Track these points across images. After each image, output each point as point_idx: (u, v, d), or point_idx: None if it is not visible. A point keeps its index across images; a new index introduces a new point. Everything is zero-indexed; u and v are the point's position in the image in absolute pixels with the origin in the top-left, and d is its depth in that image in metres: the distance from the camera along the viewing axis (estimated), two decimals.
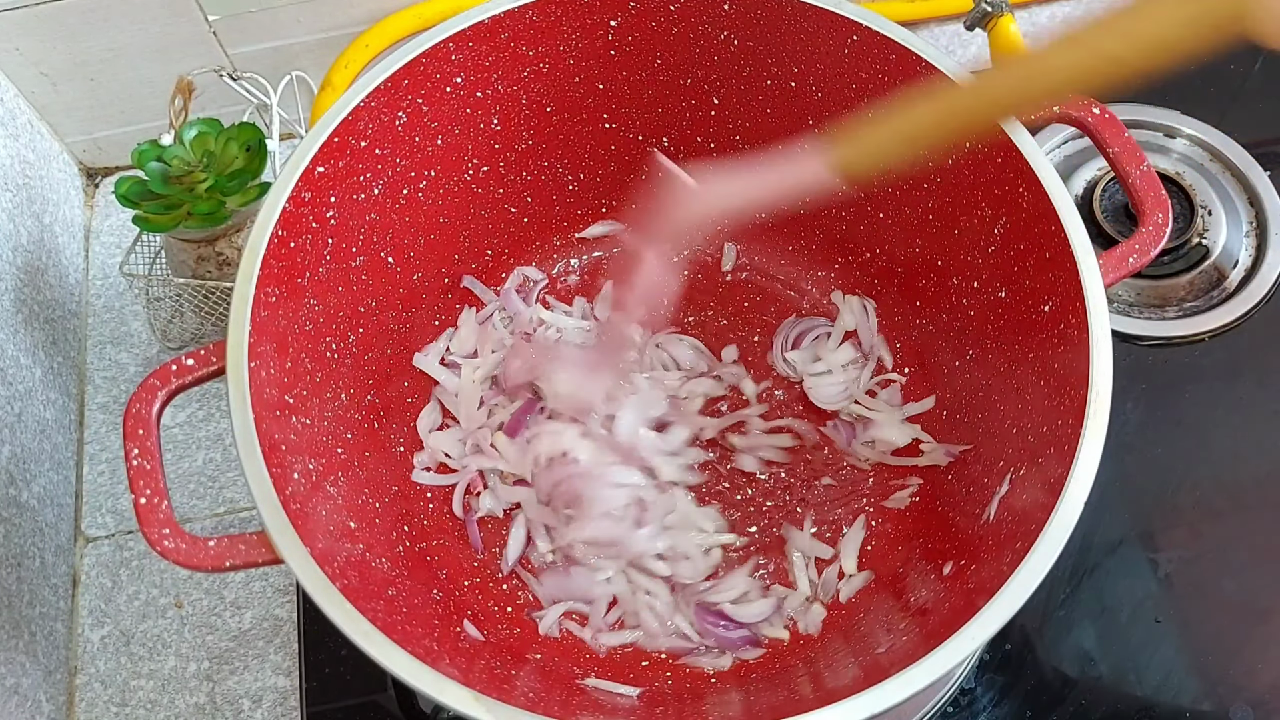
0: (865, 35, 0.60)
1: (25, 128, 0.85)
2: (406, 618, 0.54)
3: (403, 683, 0.47)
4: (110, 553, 0.78)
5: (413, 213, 0.66)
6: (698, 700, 0.60)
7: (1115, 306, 0.77)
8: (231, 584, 0.76)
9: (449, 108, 0.64)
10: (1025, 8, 1.00)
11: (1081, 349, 0.52)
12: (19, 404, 0.74)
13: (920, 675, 0.46)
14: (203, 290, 0.77)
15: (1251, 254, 0.79)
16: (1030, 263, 0.58)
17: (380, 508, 0.63)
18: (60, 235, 0.86)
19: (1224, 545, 0.70)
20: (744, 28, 0.64)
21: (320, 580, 0.48)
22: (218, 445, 0.81)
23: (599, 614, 0.65)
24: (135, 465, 0.51)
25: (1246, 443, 0.73)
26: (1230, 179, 0.82)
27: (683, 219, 0.57)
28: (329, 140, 0.58)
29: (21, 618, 0.70)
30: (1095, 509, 0.57)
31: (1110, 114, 0.59)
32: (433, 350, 0.72)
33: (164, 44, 0.83)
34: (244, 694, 0.73)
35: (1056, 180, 0.55)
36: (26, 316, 0.78)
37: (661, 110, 0.70)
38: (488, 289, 0.74)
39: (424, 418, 0.71)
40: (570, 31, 0.64)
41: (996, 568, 0.50)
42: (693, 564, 0.66)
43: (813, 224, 0.73)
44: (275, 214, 0.56)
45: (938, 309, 0.68)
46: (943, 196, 0.64)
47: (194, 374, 0.54)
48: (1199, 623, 0.68)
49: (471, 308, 0.73)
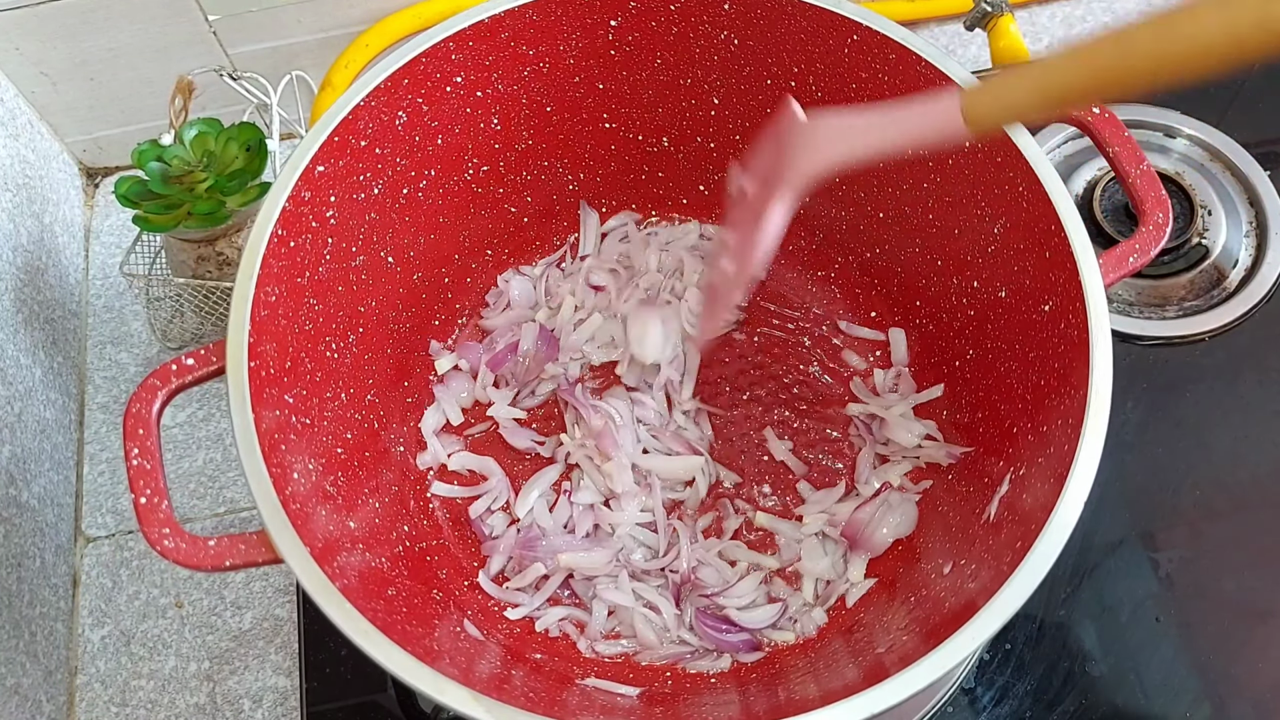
0: (865, 35, 0.60)
1: (25, 128, 0.85)
2: (406, 618, 0.54)
3: (403, 683, 0.47)
4: (110, 553, 0.78)
5: (413, 213, 0.66)
6: (697, 700, 0.60)
7: (1115, 306, 0.77)
8: (231, 584, 0.76)
9: (449, 108, 0.64)
10: (1025, 8, 1.00)
11: (1081, 349, 0.52)
12: (19, 404, 0.74)
13: (920, 675, 0.46)
14: (203, 290, 0.77)
15: (1251, 254, 0.79)
16: (1030, 263, 0.58)
17: (380, 508, 0.63)
18: (60, 235, 0.86)
19: (1224, 545, 0.70)
20: (744, 28, 0.64)
21: (320, 580, 0.48)
22: (218, 445, 0.81)
23: (597, 623, 0.65)
24: (135, 465, 0.51)
25: (1246, 443, 0.73)
26: (1230, 179, 0.82)
27: (805, 163, 0.53)
28: (329, 140, 0.58)
29: (22, 618, 0.70)
30: (1095, 509, 0.57)
31: (1110, 114, 0.59)
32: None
33: (164, 44, 0.83)
34: (244, 694, 0.73)
35: (1056, 180, 0.55)
36: (26, 316, 0.78)
37: (661, 110, 0.70)
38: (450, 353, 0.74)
39: (429, 417, 0.71)
40: (570, 31, 0.64)
41: (996, 568, 0.50)
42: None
43: (813, 224, 0.73)
44: (275, 214, 0.56)
45: (938, 309, 0.68)
46: (943, 196, 0.64)
47: (194, 374, 0.54)
48: (1199, 623, 0.68)
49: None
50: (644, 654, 0.64)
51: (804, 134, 0.54)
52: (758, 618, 0.64)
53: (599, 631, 0.65)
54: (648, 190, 0.75)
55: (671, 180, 0.75)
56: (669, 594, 0.66)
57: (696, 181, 0.75)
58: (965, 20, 0.90)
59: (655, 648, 0.64)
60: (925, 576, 0.61)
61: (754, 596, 0.65)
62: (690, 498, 0.69)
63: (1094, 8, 0.99)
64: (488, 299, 0.75)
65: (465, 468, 0.70)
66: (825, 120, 0.53)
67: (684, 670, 0.64)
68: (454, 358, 0.73)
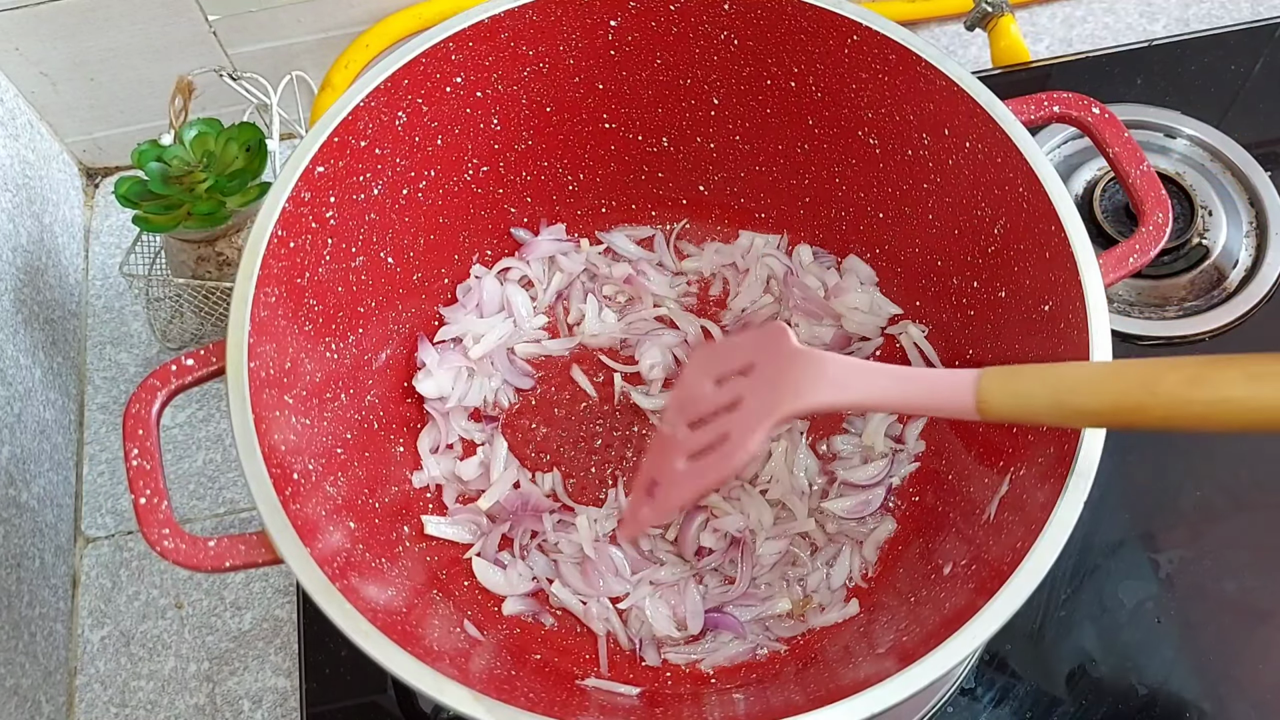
0: (865, 35, 0.60)
1: (25, 128, 0.85)
2: (406, 618, 0.54)
3: (403, 683, 0.47)
4: (110, 553, 0.78)
5: (413, 213, 0.66)
6: (697, 700, 0.60)
7: (1115, 306, 0.77)
8: (231, 584, 0.76)
9: (449, 108, 0.64)
10: (1025, 8, 1.00)
11: (1081, 349, 0.52)
12: (19, 404, 0.74)
13: (920, 675, 0.46)
14: (203, 290, 0.77)
15: (1251, 254, 0.79)
16: (1030, 263, 0.58)
17: (380, 508, 0.63)
18: (60, 235, 0.86)
19: (1224, 545, 0.70)
20: (744, 28, 0.64)
21: (320, 580, 0.48)
22: (218, 445, 0.81)
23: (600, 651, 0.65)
24: (135, 465, 0.51)
25: (1247, 443, 0.73)
26: (1230, 179, 0.82)
27: (809, 397, 0.51)
28: (329, 140, 0.58)
29: (21, 618, 0.70)
30: (1095, 509, 0.57)
31: (1110, 114, 0.58)
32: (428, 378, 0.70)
33: (164, 44, 0.83)
34: (244, 695, 0.73)
35: (1056, 180, 0.55)
36: (26, 317, 0.78)
37: (661, 110, 0.70)
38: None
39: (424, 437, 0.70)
40: (570, 31, 0.64)
41: (997, 568, 0.50)
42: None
43: (813, 224, 0.73)
44: (275, 214, 0.56)
45: (938, 309, 0.68)
46: (943, 196, 0.64)
47: (194, 374, 0.54)
48: (1199, 623, 0.68)
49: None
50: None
51: (811, 366, 0.52)
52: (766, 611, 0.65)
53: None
54: (648, 190, 0.75)
55: (671, 180, 0.75)
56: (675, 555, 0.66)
57: (696, 182, 0.75)
58: (965, 20, 0.90)
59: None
60: (925, 576, 0.61)
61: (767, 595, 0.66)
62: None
63: (1094, 8, 0.99)
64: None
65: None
66: (836, 359, 0.52)
67: (685, 668, 0.64)
68: (434, 383, 0.70)
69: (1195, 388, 0.43)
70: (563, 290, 0.74)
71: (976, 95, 0.57)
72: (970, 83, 0.58)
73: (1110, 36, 0.98)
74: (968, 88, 0.58)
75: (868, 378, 0.51)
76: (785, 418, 0.52)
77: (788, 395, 0.52)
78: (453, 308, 0.72)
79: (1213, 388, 0.42)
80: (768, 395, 0.53)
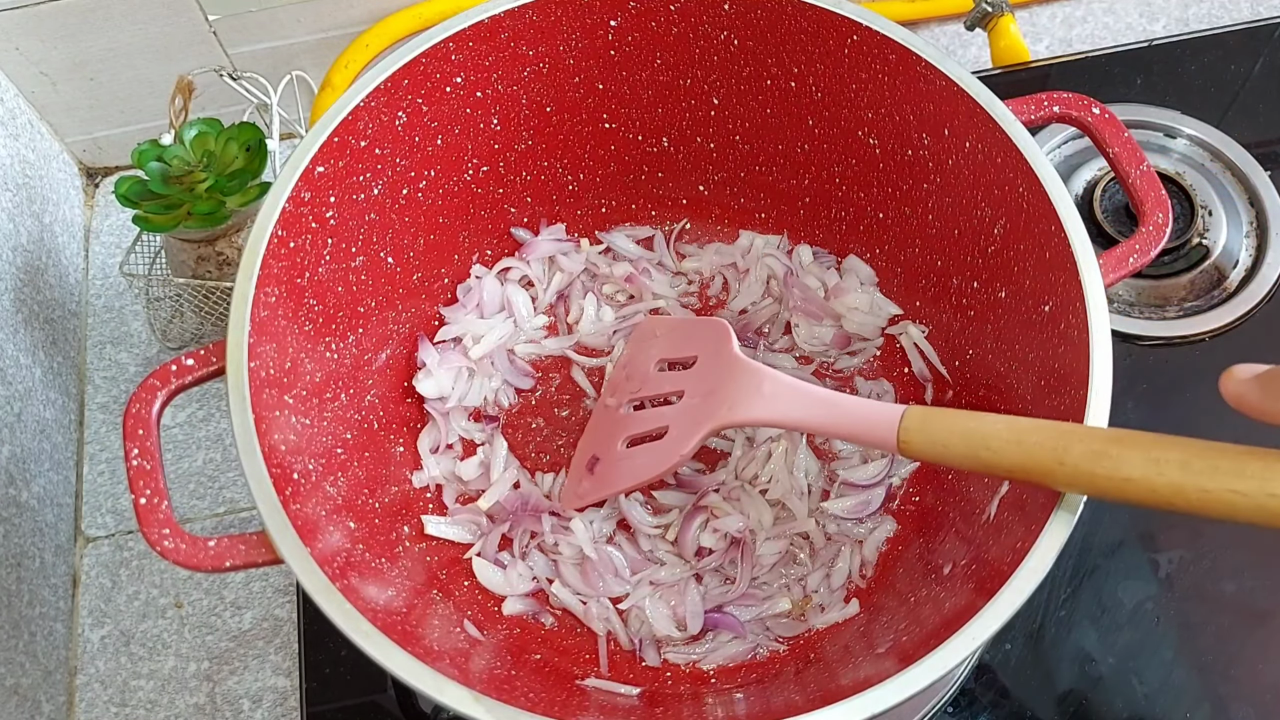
0: (865, 35, 0.60)
1: (25, 128, 0.85)
2: (406, 618, 0.54)
3: (403, 683, 0.47)
4: (110, 553, 0.78)
5: (413, 213, 0.66)
6: (697, 700, 0.60)
7: (1115, 306, 0.77)
8: (231, 584, 0.76)
9: (449, 108, 0.64)
10: (1025, 8, 1.00)
11: (1081, 349, 0.52)
12: (19, 404, 0.74)
13: (920, 675, 0.46)
14: (203, 290, 0.77)
15: (1252, 254, 0.79)
16: (1030, 263, 0.58)
17: (380, 508, 0.63)
18: (60, 235, 0.86)
19: (1224, 545, 0.70)
20: (744, 28, 0.64)
21: (320, 580, 0.48)
22: (218, 445, 0.81)
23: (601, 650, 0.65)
24: (135, 465, 0.51)
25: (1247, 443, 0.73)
26: (1230, 179, 0.82)
27: (742, 410, 0.54)
28: (329, 140, 0.58)
29: (21, 618, 0.70)
30: (1095, 509, 0.57)
31: (1110, 114, 0.58)
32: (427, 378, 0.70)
33: (164, 44, 0.83)
34: (244, 694, 0.73)
35: (1056, 180, 0.55)
36: (26, 316, 0.78)
37: (661, 110, 0.70)
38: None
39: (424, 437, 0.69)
40: (570, 31, 0.64)
41: (997, 568, 0.50)
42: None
43: (813, 224, 0.73)
44: (275, 214, 0.56)
45: (938, 309, 0.68)
46: (943, 196, 0.64)
47: (194, 374, 0.54)
48: (1199, 623, 0.68)
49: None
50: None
51: (748, 378, 0.53)
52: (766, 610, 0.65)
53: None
54: (648, 190, 0.75)
55: (671, 180, 0.75)
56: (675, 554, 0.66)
57: (696, 182, 0.75)
58: (965, 20, 0.90)
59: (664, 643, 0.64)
60: (925, 576, 0.61)
61: (768, 594, 0.65)
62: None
63: (1094, 8, 0.99)
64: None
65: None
66: (773, 376, 0.53)
67: (685, 668, 0.64)
68: (434, 384, 0.70)
69: (1099, 463, 0.44)
70: (563, 290, 0.75)
71: (976, 95, 0.57)
72: (970, 83, 0.58)
73: (1110, 36, 0.98)
74: (968, 88, 0.58)
75: (800, 399, 0.53)
76: (719, 428, 0.55)
77: (723, 407, 0.54)
78: (453, 308, 0.72)
79: (1114, 465, 0.44)
80: (705, 401, 0.55)
